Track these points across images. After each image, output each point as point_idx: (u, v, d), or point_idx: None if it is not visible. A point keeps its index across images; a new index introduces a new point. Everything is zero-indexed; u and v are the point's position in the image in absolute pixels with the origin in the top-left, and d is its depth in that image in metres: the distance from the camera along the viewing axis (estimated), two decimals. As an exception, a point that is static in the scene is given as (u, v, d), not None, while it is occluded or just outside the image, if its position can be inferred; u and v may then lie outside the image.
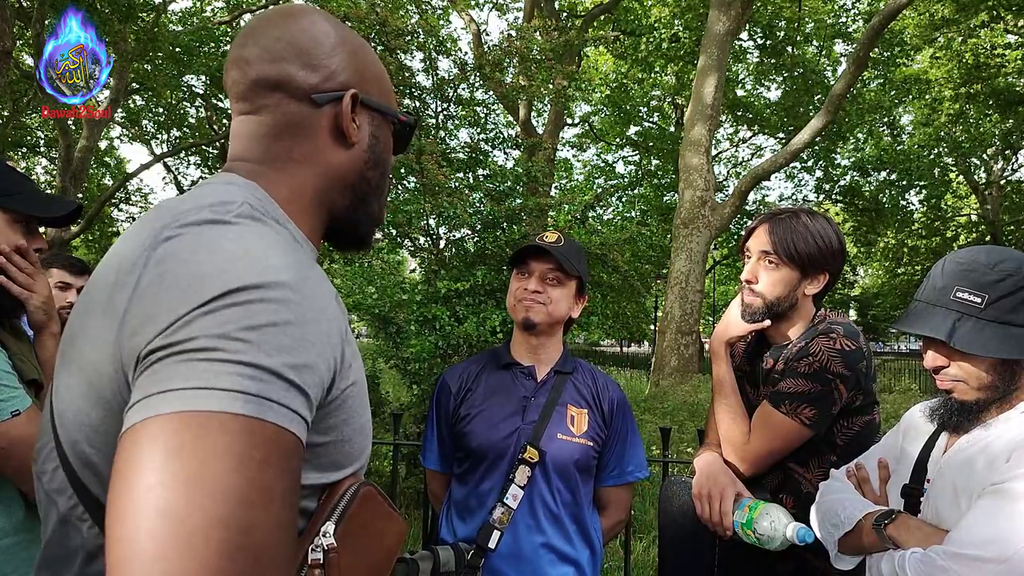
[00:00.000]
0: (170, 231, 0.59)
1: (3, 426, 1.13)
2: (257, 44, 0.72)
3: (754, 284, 1.49)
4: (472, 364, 1.63)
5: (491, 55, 6.01)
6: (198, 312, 0.52)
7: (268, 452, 0.49)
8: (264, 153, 0.72)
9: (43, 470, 0.64)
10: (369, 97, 0.76)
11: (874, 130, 20.84)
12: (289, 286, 0.56)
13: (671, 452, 4.23)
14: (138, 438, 0.48)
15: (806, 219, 1.46)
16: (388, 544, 0.69)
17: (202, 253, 0.56)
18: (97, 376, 0.57)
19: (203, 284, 0.53)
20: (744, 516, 1.33)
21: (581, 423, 1.52)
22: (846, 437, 1.44)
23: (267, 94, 0.72)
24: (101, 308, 0.58)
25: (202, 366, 0.49)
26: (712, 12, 12.22)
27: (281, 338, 0.53)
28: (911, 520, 1.13)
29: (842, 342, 1.38)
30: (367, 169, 0.77)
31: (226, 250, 0.56)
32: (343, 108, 0.73)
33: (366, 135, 0.77)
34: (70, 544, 0.60)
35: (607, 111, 22.03)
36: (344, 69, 0.74)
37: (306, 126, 0.72)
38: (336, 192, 0.75)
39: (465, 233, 5.49)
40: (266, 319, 0.53)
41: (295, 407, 0.52)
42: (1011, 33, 17.21)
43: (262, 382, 0.50)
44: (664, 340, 11.65)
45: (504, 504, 1.42)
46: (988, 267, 1.09)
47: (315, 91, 0.72)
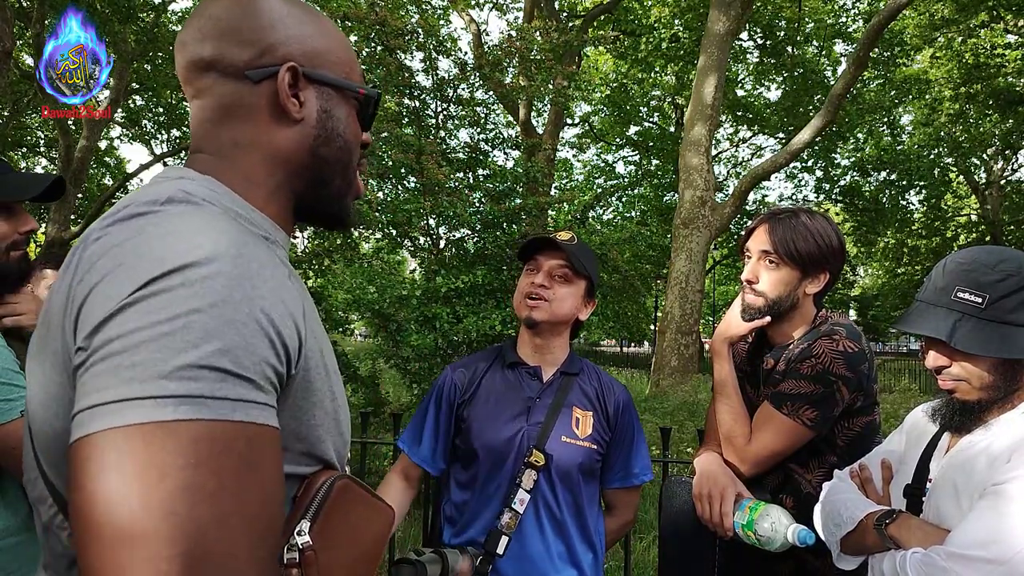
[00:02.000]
0: (98, 232, 0.57)
1: (12, 425, 1.13)
2: (192, 25, 0.69)
3: (755, 284, 1.48)
4: (478, 360, 1.59)
5: (491, 55, 6.01)
6: (120, 308, 0.50)
7: (207, 450, 0.47)
8: (212, 142, 0.69)
9: (28, 479, 0.63)
10: (314, 70, 0.70)
11: (874, 130, 20.84)
12: (216, 264, 0.52)
13: (671, 452, 4.23)
14: (78, 455, 0.47)
15: (806, 218, 1.46)
16: (374, 534, 0.67)
17: (126, 246, 0.54)
18: (54, 387, 0.56)
19: (125, 276, 0.51)
20: (745, 517, 1.33)
21: (586, 426, 1.49)
22: (846, 438, 1.44)
23: (202, 76, 0.68)
24: (51, 317, 0.58)
25: (126, 373, 0.47)
26: (712, 12, 12.22)
27: (206, 325, 0.49)
28: (912, 520, 1.13)
29: (845, 344, 1.38)
30: (318, 146, 0.72)
31: (150, 238, 0.54)
32: (280, 83, 0.67)
33: (313, 110, 0.71)
34: (55, 551, 0.60)
35: (607, 111, 22.03)
36: (283, 42, 0.69)
37: (245, 106, 0.68)
38: (291, 176, 0.71)
39: (465, 233, 5.49)
40: (188, 306, 0.49)
41: (235, 395, 0.50)
42: (1011, 33, 17.21)
43: (191, 381, 0.48)
44: (664, 340, 11.65)
45: (511, 509, 1.40)
46: (989, 267, 1.09)
47: (248, 67, 0.67)
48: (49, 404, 0.57)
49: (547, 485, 1.43)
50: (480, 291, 4.67)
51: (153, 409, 0.46)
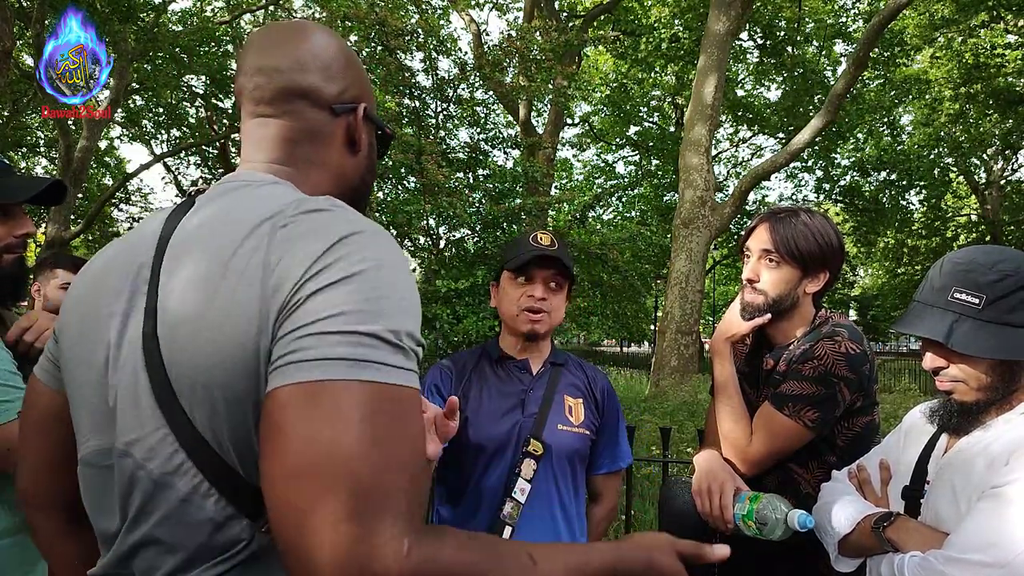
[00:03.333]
0: (284, 220, 0.66)
1: (9, 427, 1.13)
2: (287, 55, 0.80)
3: (756, 282, 1.49)
4: (463, 359, 1.60)
5: (491, 55, 6.01)
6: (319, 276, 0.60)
7: (382, 407, 0.58)
8: (288, 156, 0.79)
9: (149, 456, 0.66)
10: (370, 112, 0.85)
11: (874, 130, 20.83)
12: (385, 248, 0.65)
13: (671, 452, 4.22)
14: (288, 398, 0.57)
15: (806, 218, 1.47)
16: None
17: (322, 225, 0.65)
18: (239, 352, 0.62)
19: (322, 239, 0.63)
20: (744, 508, 1.33)
21: (579, 413, 1.53)
22: (846, 438, 1.44)
23: (293, 101, 0.79)
24: (221, 293, 0.63)
25: (331, 338, 0.58)
26: (712, 12, 12.21)
27: (389, 306, 0.61)
28: (910, 523, 1.13)
29: (847, 345, 1.38)
30: (366, 173, 0.87)
31: (337, 227, 0.65)
32: (356, 119, 0.83)
33: (366, 144, 0.86)
34: (196, 518, 0.65)
35: (607, 111, 22.02)
36: (354, 84, 0.83)
37: (325, 133, 0.81)
38: (344, 193, 0.82)
39: (465, 233, 5.49)
40: (377, 293, 0.61)
41: (403, 365, 0.60)
42: (1011, 33, 17.20)
43: (375, 348, 0.59)
44: (664, 340, 11.64)
45: (513, 499, 1.42)
46: (986, 267, 1.09)
47: (335, 102, 0.81)
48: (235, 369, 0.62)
49: (545, 473, 1.45)
50: (480, 291, 4.67)
51: (350, 368, 0.57)
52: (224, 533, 0.64)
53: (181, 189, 17.73)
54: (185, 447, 0.64)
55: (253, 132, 0.80)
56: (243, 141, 0.82)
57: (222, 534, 0.65)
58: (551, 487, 1.46)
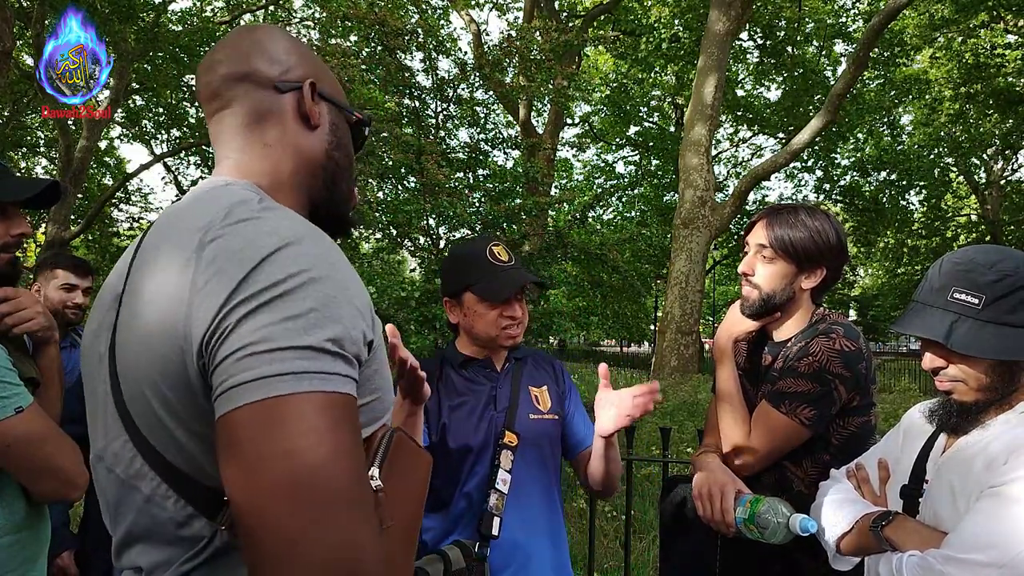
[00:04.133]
0: (212, 233, 0.66)
1: (6, 423, 1.13)
2: (225, 49, 0.83)
3: (751, 276, 1.51)
4: (426, 367, 1.60)
5: (491, 55, 6.01)
6: (247, 301, 0.60)
7: (337, 415, 0.59)
8: (242, 142, 0.81)
9: (116, 462, 0.71)
10: (323, 89, 0.85)
11: (874, 130, 20.84)
12: (321, 260, 0.64)
13: (671, 452, 4.23)
14: (238, 423, 0.57)
15: (804, 215, 1.48)
16: (421, 477, 0.80)
17: (248, 250, 0.64)
18: (170, 367, 0.64)
19: (245, 262, 0.62)
20: (746, 511, 1.33)
21: (545, 400, 1.60)
22: (841, 437, 1.44)
23: (235, 85, 0.81)
24: (158, 308, 0.65)
25: (269, 356, 0.58)
26: (712, 12, 12.22)
27: (323, 317, 0.61)
28: (908, 522, 1.13)
29: (842, 343, 1.38)
30: (332, 150, 0.86)
31: (265, 242, 0.64)
32: (304, 93, 0.82)
33: (327, 121, 0.85)
34: (160, 518, 0.68)
35: (607, 111, 22.03)
36: (300, 65, 0.84)
37: (274, 111, 0.81)
38: (309, 174, 0.84)
39: (465, 233, 5.49)
40: (306, 306, 0.61)
41: (345, 373, 0.62)
42: (1011, 33, 17.20)
43: (319, 360, 0.59)
44: (664, 340, 11.65)
45: (497, 490, 1.46)
46: (985, 267, 1.08)
47: (277, 80, 0.82)
48: (162, 384, 0.65)
49: (522, 463, 1.50)
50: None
51: (293, 382, 0.57)
52: (187, 530, 0.67)
53: (181, 189, 17.73)
54: (141, 453, 0.68)
55: (213, 131, 0.83)
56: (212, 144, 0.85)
57: (185, 531, 0.67)
58: (530, 474, 1.51)
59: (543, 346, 7.39)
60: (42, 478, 1.20)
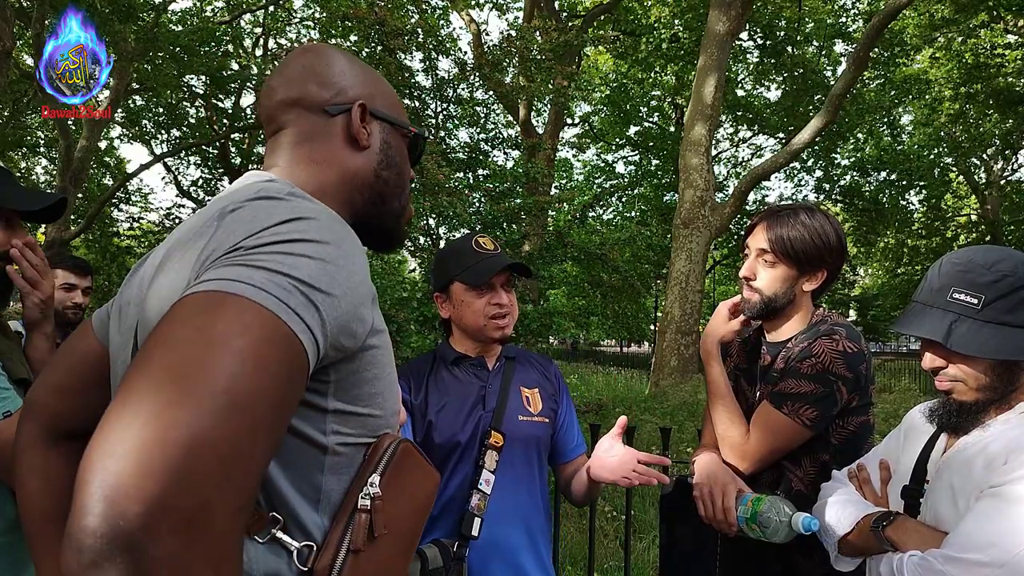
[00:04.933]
0: (233, 206, 0.68)
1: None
2: (281, 75, 0.87)
3: (752, 281, 1.50)
4: (416, 367, 1.61)
5: (491, 55, 6.01)
6: (245, 244, 0.60)
7: (276, 350, 0.54)
8: (289, 157, 0.84)
9: None
10: (377, 108, 0.88)
11: (874, 130, 20.82)
12: (332, 238, 0.64)
13: (671, 452, 4.22)
14: (175, 308, 0.55)
15: (804, 217, 1.47)
16: (425, 492, 0.80)
17: (261, 214, 0.65)
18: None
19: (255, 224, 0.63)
20: (747, 510, 1.33)
21: (536, 402, 1.57)
22: (840, 437, 1.44)
23: (288, 111, 0.85)
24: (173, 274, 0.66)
25: (240, 267, 0.57)
26: (712, 12, 12.21)
27: (314, 267, 0.60)
28: (909, 522, 1.13)
29: (844, 344, 1.39)
30: (381, 169, 0.88)
31: (281, 212, 0.65)
32: (352, 116, 0.85)
33: (378, 140, 0.88)
34: None
35: (607, 111, 22.01)
36: (353, 86, 0.87)
37: (323, 134, 0.85)
38: (355, 191, 0.86)
39: (465, 233, 5.49)
40: (305, 251, 0.61)
41: (314, 328, 0.58)
42: (1011, 33, 17.20)
43: (287, 291, 0.56)
44: (664, 340, 11.64)
45: (479, 490, 1.45)
46: (984, 268, 1.09)
47: (328, 104, 0.85)
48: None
49: (508, 463, 1.48)
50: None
51: (253, 291, 0.54)
52: None
53: (181, 189, 17.72)
54: None
55: (268, 150, 0.87)
56: None
57: None
58: (515, 476, 1.49)
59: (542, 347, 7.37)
60: None
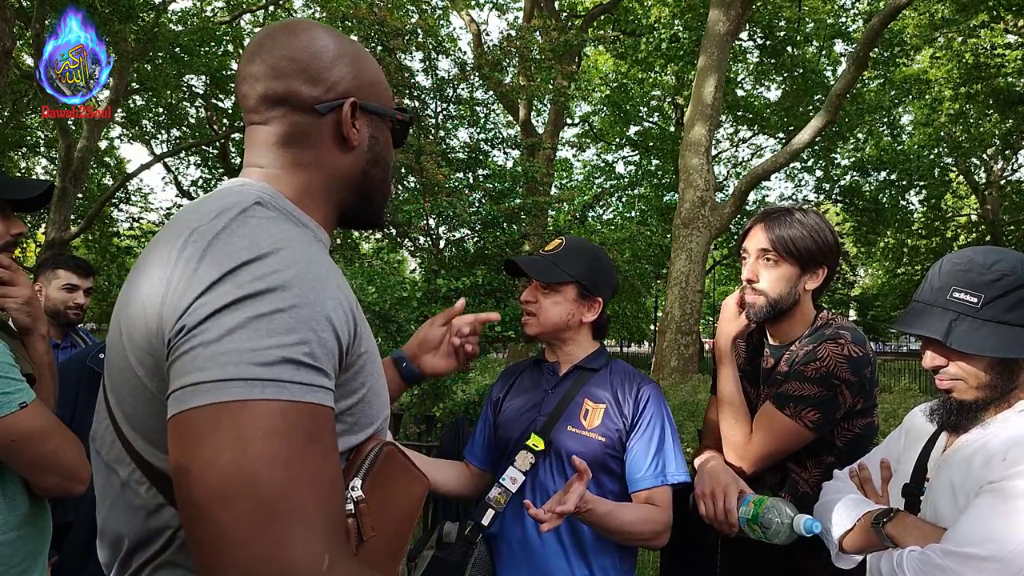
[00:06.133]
0: (198, 234, 0.66)
1: (11, 418, 1.13)
2: (264, 61, 0.79)
3: (756, 283, 1.49)
4: (521, 364, 1.70)
5: (491, 55, 6.01)
6: (211, 300, 0.59)
7: (290, 424, 0.57)
8: (275, 160, 0.79)
9: (102, 445, 0.73)
10: (367, 102, 0.82)
11: (874, 130, 20.84)
12: (293, 273, 0.63)
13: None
14: (180, 427, 0.57)
15: (800, 216, 1.48)
16: (412, 496, 0.78)
17: (219, 253, 0.63)
18: (145, 358, 0.65)
19: (217, 267, 0.61)
20: (749, 511, 1.33)
21: (594, 418, 1.46)
22: (845, 439, 1.44)
23: (273, 108, 0.78)
24: (140, 300, 0.66)
25: (223, 359, 0.57)
26: (712, 12, 12.22)
27: (287, 323, 0.60)
28: (909, 519, 1.14)
29: (850, 348, 1.38)
30: (369, 168, 0.84)
31: (238, 248, 0.64)
32: (343, 116, 0.79)
33: (366, 137, 0.83)
34: (133, 504, 0.69)
35: (607, 111, 22.03)
36: (343, 79, 0.80)
37: (311, 135, 0.79)
38: (343, 191, 0.83)
39: (465, 233, 5.49)
40: (273, 306, 0.60)
41: (309, 381, 0.60)
42: (1011, 33, 17.21)
43: (273, 366, 0.58)
44: (664, 340, 11.65)
45: (500, 485, 1.42)
46: (984, 267, 1.09)
47: (317, 103, 0.78)
48: (130, 380, 0.66)
49: (547, 473, 1.44)
50: (480, 291, 4.68)
51: (244, 388, 0.56)
52: (157, 519, 0.67)
53: (181, 189, 17.73)
54: (119, 437, 0.69)
55: (247, 138, 0.83)
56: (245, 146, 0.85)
57: (154, 520, 0.67)
58: (548, 486, 1.42)
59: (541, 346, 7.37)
60: (45, 473, 1.21)
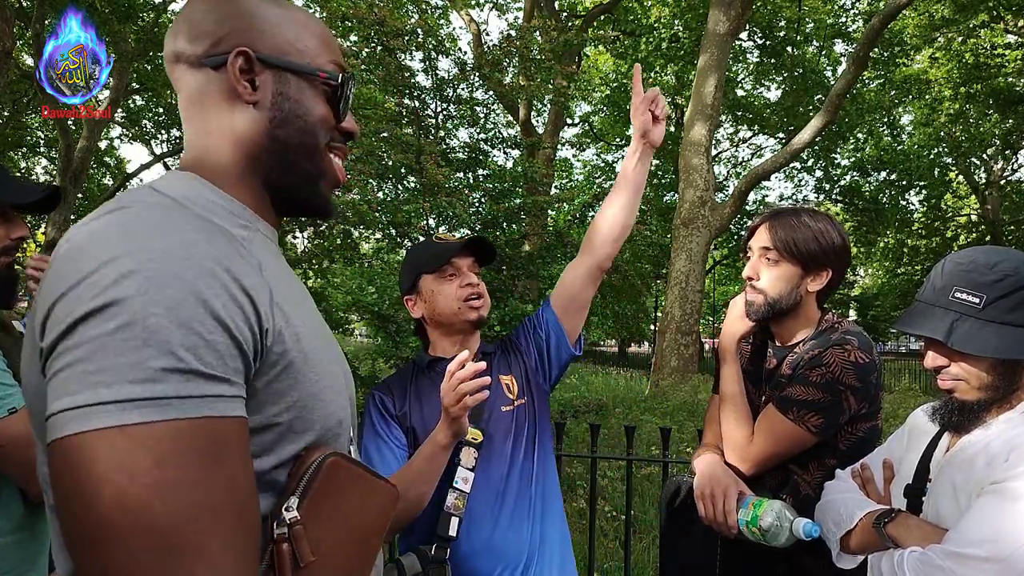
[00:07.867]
0: (68, 235, 0.60)
1: (1, 424, 1.13)
2: (171, 27, 0.75)
3: (755, 281, 1.49)
4: (398, 378, 1.59)
5: (491, 55, 6.00)
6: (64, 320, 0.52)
7: (171, 448, 0.50)
8: (192, 135, 0.74)
9: (39, 462, 0.67)
10: (268, 55, 0.73)
11: (874, 130, 20.83)
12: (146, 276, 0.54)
13: (671, 452, 4.23)
14: (54, 456, 0.51)
15: (806, 217, 1.47)
16: (371, 510, 0.69)
17: (69, 266, 0.55)
18: (35, 379, 0.59)
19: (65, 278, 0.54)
20: (748, 514, 1.33)
21: (514, 386, 1.52)
22: (848, 442, 1.44)
23: (174, 68, 0.74)
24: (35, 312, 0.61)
25: (93, 379, 0.50)
26: (712, 12, 12.21)
27: (162, 330, 0.52)
28: (911, 519, 1.14)
29: (856, 354, 1.37)
30: (274, 128, 0.73)
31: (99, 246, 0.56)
32: (230, 66, 0.71)
33: (269, 93, 0.73)
34: (55, 528, 0.63)
35: (607, 111, 22.02)
36: (233, 33, 0.72)
37: (208, 93, 0.72)
38: (252, 157, 0.73)
39: (465, 233, 5.49)
40: (144, 312, 0.52)
41: (199, 392, 0.52)
42: (1011, 33, 17.21)
43: (154, 383, 0.51)
44: (664, 340, 11.64)
45: (456, 489, 1.37)
46: (986, 267, 1.09)
47: (205, 56, 0.72)
48: (35, 397, 0.60)
49: (497, 459, 1.43)
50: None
51: (119, 413, 0.49)
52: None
53: (181, 189, 17.74)
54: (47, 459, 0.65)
55: None
56: None
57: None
58: (509, 469, 1.42)
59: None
60: (36, 479, 1.20)
